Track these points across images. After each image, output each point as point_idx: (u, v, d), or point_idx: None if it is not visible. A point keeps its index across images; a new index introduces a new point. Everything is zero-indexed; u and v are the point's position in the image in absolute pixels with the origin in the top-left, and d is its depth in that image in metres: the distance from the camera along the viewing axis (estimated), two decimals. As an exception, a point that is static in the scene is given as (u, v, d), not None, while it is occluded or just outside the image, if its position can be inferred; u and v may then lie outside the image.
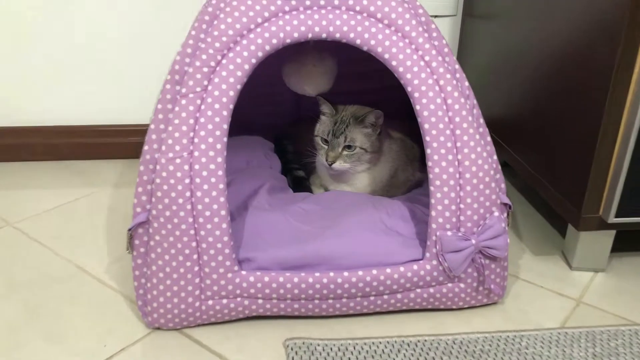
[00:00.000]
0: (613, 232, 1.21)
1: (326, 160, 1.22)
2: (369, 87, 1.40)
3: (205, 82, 0.97)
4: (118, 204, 1.53)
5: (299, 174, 1.35)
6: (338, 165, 1.22)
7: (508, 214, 1.09)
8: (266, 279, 1.01)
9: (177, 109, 0.97)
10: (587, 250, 1.24)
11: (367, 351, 1.01)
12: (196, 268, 1.00)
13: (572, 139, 1.18)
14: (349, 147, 1.22)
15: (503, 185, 1.08)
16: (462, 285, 1.08)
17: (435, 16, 1.73)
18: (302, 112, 1.59)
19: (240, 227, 1.08)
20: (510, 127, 1.44)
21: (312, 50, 1.21)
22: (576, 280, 1.23)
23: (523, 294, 1.19)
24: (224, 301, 1.03)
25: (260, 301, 1.04)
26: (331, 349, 1.01)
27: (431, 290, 1.07)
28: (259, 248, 1.04)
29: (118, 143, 1.78)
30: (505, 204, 1.08)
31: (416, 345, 1.02)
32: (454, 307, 1.11)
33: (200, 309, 1.03)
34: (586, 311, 1.14)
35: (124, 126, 1.79)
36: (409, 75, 1.01)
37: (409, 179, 1.35)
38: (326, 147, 1.22)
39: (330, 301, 1.05)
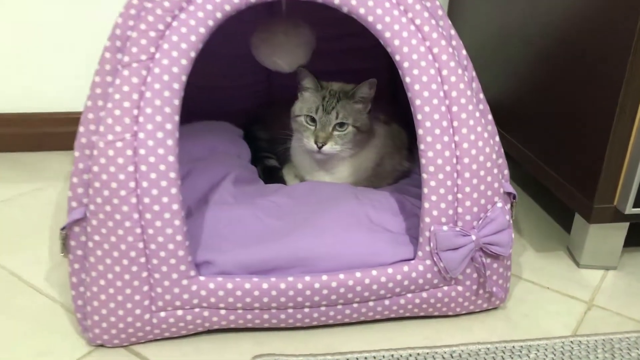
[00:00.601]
0: (626, 225, 1.07)
1: (315, 142, 1.05)
2: (348, 67, 1.24)
3: (152, 49, 0.80)
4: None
5: (270, 164, 1.18)
6: (329, 147, 1.05)
7: (512, 205, 0.94)
8: (229, 285, 0.85)
9: (118, 81, 0.80)
10: (597, 245, 1.09)
11: (350, 369, 0.85)
12: (144, 274, 0.83)
13: (583, 120, 1.03)
14: (340, 125, 1.06)
15: (506, 172, 0.93)
16: (459, 288, 0.93)
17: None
18: (274, 95, 1.42)
19: (198, 225, 0.91)
20: (509, 112, 1.30)
21: (285, 19, 1.05)
22: (585, 280, 1.09)
23: (527, 296, 1.04)
24: (179, 312, 0.86)
25: (222, 312, 0.87)
26: (307, 367, 0.85)
27: (424, 294, 0.92)
28: (220, 249, 0.87)
29: (69, 133, 1.58)
30: (509, 194, 0.93)
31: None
32: (451, 313, 0.96)
33: (150, 322, 0.86)
34: (600, 315, 1.00)
35: (75, 114, 1.59)
36: (397, 42, 0.85)
37: (396, 169, 1.20)
38: (313, 127, 1.06)
39: (307, 310, 0.89)
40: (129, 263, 0.83)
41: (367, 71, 1.13)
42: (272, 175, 1.15)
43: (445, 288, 0.92)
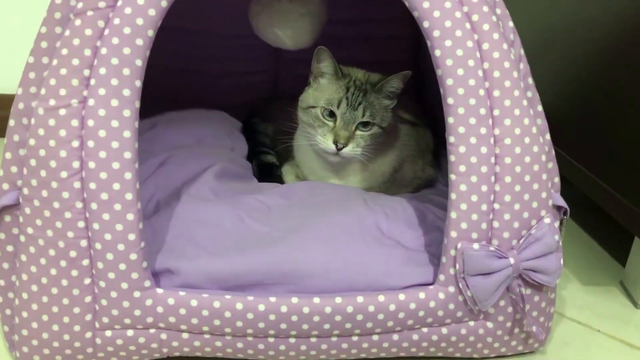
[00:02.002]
0: (700, 258, 0.86)
1: (335, 142, 0.85)
2: (362, 58, 1.04)
3: (114, -5, 0.63)
4: None
5: (267, 160, 1.00)
6: (350, 150, 0.86)
7: (561, 223, 0.74)
8: (193, 302, 0.66)
9: (67, 32, 0.63)
10: (660, 281, 0.88)
11: (342, 422, 0.65)
12: (87, 281, 0.65)
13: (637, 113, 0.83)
14: (364, 125, 0.87)
15: (557, 180, 0.73)
16: (489, 325, 0.73)
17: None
18: (280, 90, 1.24)
19: (163, 224, 0.73)
20: (558, 120, 1.09)
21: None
22: (645, 324, 0.88)
23: (572, 339, 0.84)
24: (130, 333, 0.68)
25: (185, 336, 0.68)
26: (288, 416, 0.65)
27: (444, 330, 0.72)
28: (187, 255, 0.69)
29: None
30: (560, 208, 0.73)
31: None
32: (476, 356, 0.76)
33: (93, 343, 0.68)
34: (666, 371, 0.79)
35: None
36: (426, 4, 0.66)
37: (417, 176, 1.00)
38: (332, 123, 0.87)
39: (293, 341, 0.70)
40: (67, 265, 0.65)
41: (383, 64, 0.95)
42: (267, 173, 0.96)
43: (472, 324, 0.72)
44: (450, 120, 0.67)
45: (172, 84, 1.21)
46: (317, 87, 0.90)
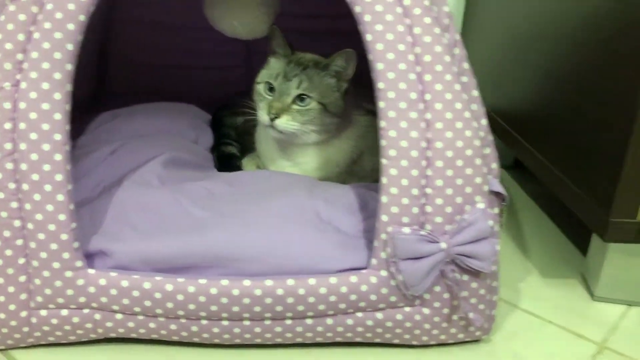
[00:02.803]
0: (656, 249, 0.84)
1: (268, 113, 0.86)
2: (322, 52, 1.04)
3: (47, -19, 0.65)
4: None
5: (228, 150, 1.01)
6: (284, 122, 0.86)
7: (501, 210, 0.74)
8: (124, 283, 0.67)
9: (2, 18, 0.65)
10: (617, 273, 0.87)
11: (269, 403, 0.66)
12: (21, 260, 0.67)
13: (600, 116, 0.82)
14: (302, 99, 0.87)
15: (494, 166, 0.73)
16: (426, 311, 0.72)
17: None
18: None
19: (103, 207, 0.74)
20: (527, 117, 1.08)
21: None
22: (600, 316, 0.87)
23: (522, 330, 0.83)
24: (64, 313, 0.69)
25: (118, 316, 0.69)
26: (216, 397, 0.66)
27: (379, 315, 0.72)
28: (121, 238, 0.70)
29: None
30: (498, 194, 0.72)
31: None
32: (416, 343, 0.75)
33: (29, 322, 0.69)
34: (612, 361, 0.78)
35: None
36: (356, -11, 0.67)
37: (377, 168, 0.99)
38: (270, 97, 0.88)
39: (226, 324, 0.70)
40: (2, 245, 0.66)
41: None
42: (227, 164, 0.97)
43: (408, 309, 0.72)
44: (381, 104, 0.68)
45: (148, 79, 1.24)
46: (267, 66, 0.91)
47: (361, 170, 0.98)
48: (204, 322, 0.70)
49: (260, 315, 0.69)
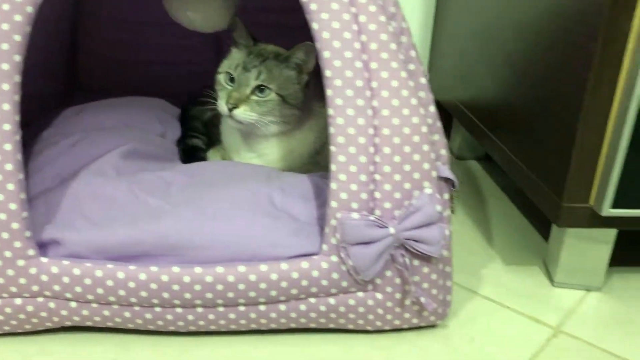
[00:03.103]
0: (612, 234, 0.85)
1: (226, 103, 0.87)
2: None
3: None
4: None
5: (193, 143, 1.01)
6: (242, 112, 0.86)
7: (452, 196, 0.75)
8: (76, 271, 0.68)
9: (-50, 10, 0.65)
10: (576, 260, 0.88)
11: (220, 388, 0.67)
12: (-26, 250, 0.67)
13: (554, 105, 0.83)
14: (261, 90, 0.88)
15: (444, 152, 0.74)
16: (378, 296, 0.73)
17: (406, -30, 1.40)
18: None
19: (58, 198, 0.75)
20: (491, 109, 1.09)
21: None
22: (558, 302, 0.88)
23: (479, 316, 0.84)
24: (18, 301, 0.70)
25: (72, 305, 0.70)
26: (168, 382, 0.67)
27: (332, 301, 0.73)
28: (74, 226, 0.71)
29: None
30: (447, 180, 0.73)
31: (295, 384, 0.68)
32: (370, 328, 0.76)
33: (-17, 312, 0.70)
34: (566, 344, 0.79)
35: None
36: (302, -22, 0.68)
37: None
38: (231, 87, 0.89)
39: (179, 311, 0.71)
40: (-45, 235, 0.67)
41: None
42: (192, 156, 0.98)
43: (360, 295, 0.73)
44: (329, 92, 0.69)
45: (121, 75, 1.24)
46: (229, 56, 0.92)
47: (325, 161, 0.98)
48: (158, 309, 0.71)
49: (212, 302, 0.70)
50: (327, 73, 0.68)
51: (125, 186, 0.76)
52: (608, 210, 0.77)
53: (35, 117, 0.98)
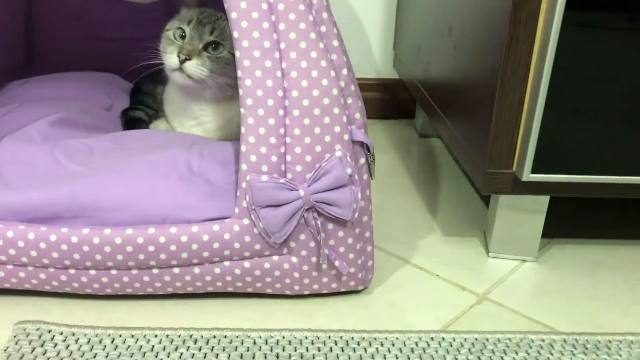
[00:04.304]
0: (544, 203, 0.85)
1: (178, 55, 0.85)
2: None
3: None
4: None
5: (135, 115, 1.02)
6: (193, 66, 0.84)
7: (369, 162, 0.75)
8: (-12, 232, 0.69)
9: None
10: (510, 230, 0.88)
11: (128, 345, 0.67)
12: None
13: (478, 71, 0.82)
14: (214, 48, 0.87)
15: (359, 116, 0.74)
16: (294, 259, 0.74)
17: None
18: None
19: (-21, 162, 0.76)
20: (437, 85, 1.08)
21: None
22: (489, 271, 0.87)
23: (407, 283, 0.84)
24: None
25: (-12, 266, 0.71)
26: (77, 340, 0.68)
27: (247, 264, 0.73)
28: (-11, 189, 0.71)
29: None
30: (362, 144, 0.73)
31: (200, 343, 0.68)
32: (289, 292, 0.77)
33: None
34: (489, 311, 0.78)
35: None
36: (210, -60, 0.68)
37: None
38: (181, 42, 0.87)
39: (93, 273, 0.72)
40: None
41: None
42: (133, 127, 0.98)
43: (276, 258, 0.73)
44: (237, 54, 0.68)
45: (76, 52, 1.25)
46: (178, 16, 0.92)
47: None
48: (72, 271, 0.71)
49: (124, 264, 0.71)
50: (235, 34, 0.68)
51: (47, 151, 0.77)
52: (529, 176, 0.76)
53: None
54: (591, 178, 0.76)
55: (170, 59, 0.86)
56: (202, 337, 0.70)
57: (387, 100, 1.50)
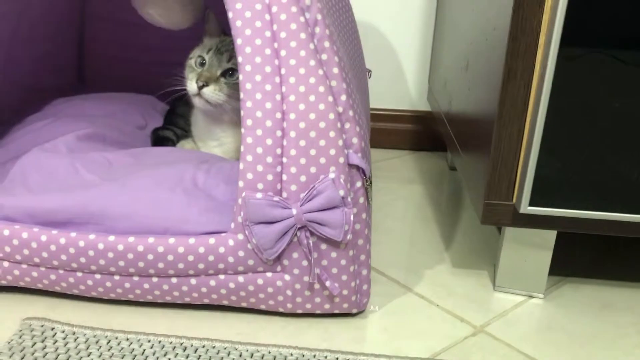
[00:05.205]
0: (551, 239, 0.83)
1: (196, 82, 0.92)
2: None
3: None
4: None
5: (164, 134, 1.08)
6: (211, 91, 0.91)
7: (365, 186, 0.76)
8: (5, 232, 0.75)
9: None
10: (516, 264, 0.87)
11: (121, 348, 0.71)
12: None
13: (483, 102, 0.83)
14: (231, 74, 0.93)
15: (356, 141, 0.75)
16: (287, 277, 0.76)
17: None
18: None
19: (9, 168, 0.83)
20: (455, 118, 1.09)
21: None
22: (492, 304, 0.86)
23: (404, 310, 0.84)
24: (-41, 256, 0.77)
25: (5, 264, 0.77)
26: (76, 339, 0.72)
27: (241, 279, 0.76)
28: (13, 193, 0.78)
29: None
30: (358, 168, 0.75)
31: (189, 351, 0.71)
32: (282, 310, 0.79)
33: None
34: (483, 343, 0.77)
35: None
36: (221, -29, 0.73)
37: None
38: (201, 69, 0.94)
39: (98, 277, 0.76)
40: None
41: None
42: (159, 145, 1.04)
43: (269, 275, 0.76)
44: (240, 77, 0.72)
45: (125, 73, 1.33)
46: (200, 44, 0.99)
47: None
48: (79, 274, 0.76)
49: (125, 270, 0.75)
50: (239, 59, 0.72)
51: (68, 162, 0.83)
52: (527, 208, 0.76)
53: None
54: (591, 214, 0.75)
55: (190, 85, 0.92)
56: (192, 345, 0.72)
57: (421, 132, 1.50)
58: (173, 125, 1.13)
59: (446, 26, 1.27)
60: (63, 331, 0.73)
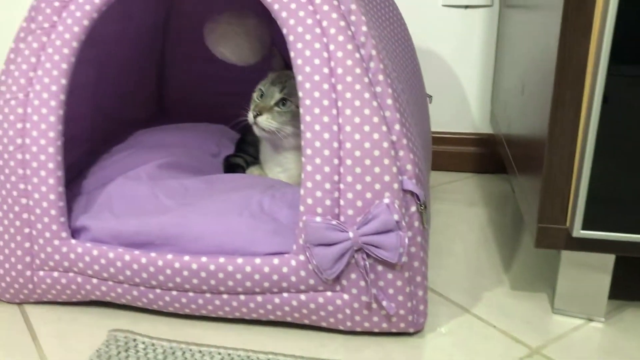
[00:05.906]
0: (609, 263, 0.84)
1: (252, 112, 1.01)
2: None
3: (55, 18, 0.85)
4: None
5: (234, 161, 1.16)
6: (264, 120, 1.00)
7: (420, 210, 0.80)
8: (95, 252, 0.84)
9: (22, 45, 0.87)
10: (575, 287, 0.87)
11: (195, 359, 0.78)
12: (26, 230, 0.86)
13: (535, 128, 0.85)
14: (284, 103, 1.01)
15: (410, 167, 0.80)
16: (346, 296, 0.81)
17: (467, 6, 1.46)
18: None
19: (96, 195, 0.92)
20: (511, 140, 1.10)
21: (234, 10, 1.04)
22: (550, 327, 0.87)
23: (461, 331, 0.86)
24: (55, 274, 0.87)
25: (94, 281, 0.86)
26: (155, 350, 0.80)
27: (303, 297, 0.81)
28: (99, 217, 0.87)
29: None
30: (413, 194, 0.79)
31: (254, 363, 0.77)
32: (341, 327, 0.83)
33: (32, 281, 0.88)
34: (538, 365, 0.79)
35: None
36: (284, 14, 0.80)
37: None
38: (259, 101, 1.03)
39: (174, 294, 0.84)
40: (14, 218, 0.86)
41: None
42: (231, 171, 1.12)
43: (329, 294, 0.81)
44: (301, 110, 0.79)
45: (197, 103, 1.43)
46: (264, 78, 1.07)
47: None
48: (158, 290, 0.84)
49: (199, 288, 0.82)
50: (300, 94, 0.79)
51: (149, 188, 0.92)
52: (579, 232, 0.77)
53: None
54: (646, 237, 0.75)
55: (249, 115, 1.01)
56: (258, 358, 0.78)
57: (484, 155, 1.52)
58: (243, 153, 1.21)
59: (506, 49, 1.29)
60: (144, 342, 0.81)
